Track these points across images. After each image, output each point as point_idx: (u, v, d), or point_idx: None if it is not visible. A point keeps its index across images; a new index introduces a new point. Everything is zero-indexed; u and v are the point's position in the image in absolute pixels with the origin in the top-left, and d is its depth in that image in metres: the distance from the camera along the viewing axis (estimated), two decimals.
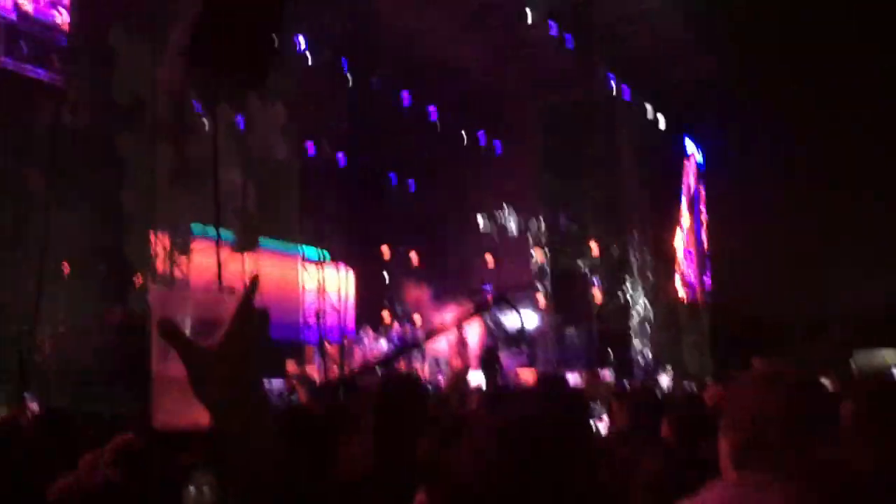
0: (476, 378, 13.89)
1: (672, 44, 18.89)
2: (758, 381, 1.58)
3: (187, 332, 1.01)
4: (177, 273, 13.36)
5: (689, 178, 23.90)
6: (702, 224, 24.78)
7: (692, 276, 23.74)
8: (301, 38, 16.36)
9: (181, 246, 13.51)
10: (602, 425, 4.62)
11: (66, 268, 12.09)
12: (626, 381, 15.67)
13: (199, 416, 1.02)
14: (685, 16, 17.91)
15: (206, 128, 12.51)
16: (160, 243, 12.97)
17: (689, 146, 23.86)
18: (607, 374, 17.81)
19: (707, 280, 24.81)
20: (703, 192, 24.89)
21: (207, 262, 12.86)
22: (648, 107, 20.91)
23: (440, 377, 14.81)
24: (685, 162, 23.70)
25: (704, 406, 4.54)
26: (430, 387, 11.97)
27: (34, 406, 8.57)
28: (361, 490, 2.40)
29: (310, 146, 16.47)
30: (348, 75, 17.32)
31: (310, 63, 16.46)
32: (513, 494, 1.14)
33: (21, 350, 10.52)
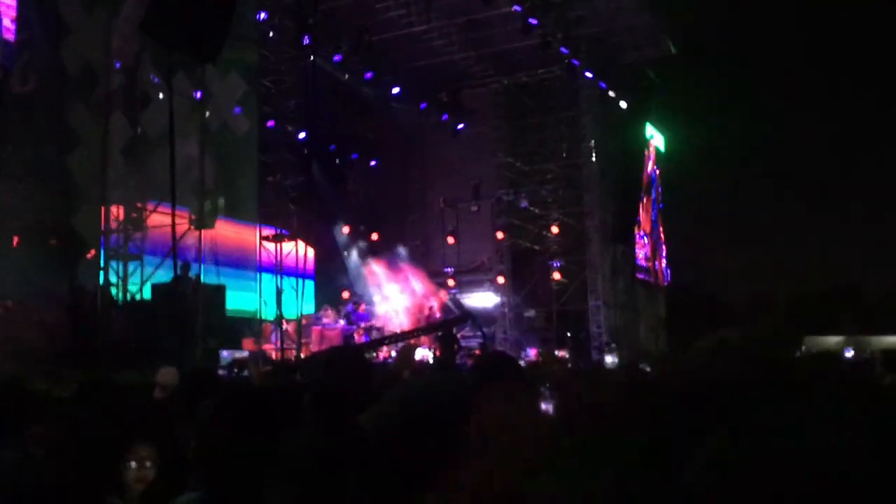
0: (423, 354, 13.98)
1: (632, 26, 18.99)
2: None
3: None
4: (131, 248, 13.16)
5: (648, 163, 24.10)
6: (657, 208, 25.05)
7: (648, 259, 24.01)
8: (262, 13, 16.10)
9: (135, 221, 13.30)
10: (550, 406, 4.62)
11: (14, 241, 11.80)
12: (581, 362, 15.85)
13: None
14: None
15: (162, 99, 12.27)
16: (113, 217, 12.75)
17: (650, 130, 24.04)
18: (564, 355, 18.00)
19: (662, 263, 25.13)
20: (659, 177, 25.12)
21: (162, 238, 12.68)
22: (611, 91, 20.98)
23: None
24: (645, 146, 23.88)
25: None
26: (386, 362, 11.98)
27: None
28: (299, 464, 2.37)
29: (269, 122, 16.25)
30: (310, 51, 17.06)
31: (271, 37, 16.24)
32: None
33: None
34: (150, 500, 3.48)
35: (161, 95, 12.66)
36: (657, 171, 24.94)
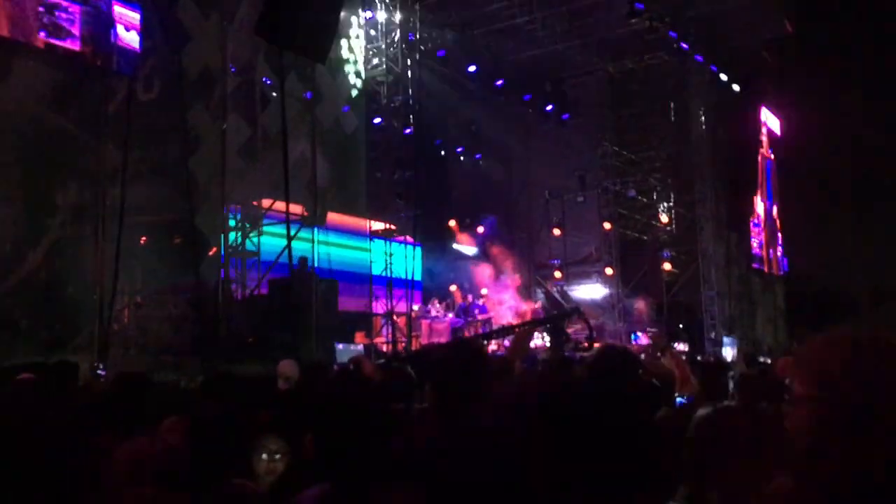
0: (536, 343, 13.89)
1: (746, 5, 18.17)
2: (823, 341, 1.49)
3: None
4: (248, 245, 13.65)
5: (763, 148, 23.13)
6: (773, 195, 24.00)
7: (763, 247, 23.06)
8: (368, 12, 16.38)
9: (252, 219, 13.78)
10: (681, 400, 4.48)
11: (142, 239, 12.45)
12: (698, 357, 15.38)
13: None
14: None
15: (275, 101, 12.65)
16: (232, 216, 13.25)
17: (765, 114, 23.07)
18: (683, 349, 17.51)
19: (778, 252, 24.08)
20: (774, 162, 24.06)
21: (278, 236, 13.10)
22: (722, 75, 20.22)
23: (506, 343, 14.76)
24: (760, 131, 22.94)
25: (774, 378, 4.42)
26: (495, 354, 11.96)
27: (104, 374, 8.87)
28: (423, 455, 2.38)
29: (376, 119, 16.51)
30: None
31: (376, 35, 16.48)
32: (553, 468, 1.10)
33: (103, 320, 10.87)
34: (281, 492, 3.58)
35: (274, 95, 13.06)
36: (772, 157, 23.92)
